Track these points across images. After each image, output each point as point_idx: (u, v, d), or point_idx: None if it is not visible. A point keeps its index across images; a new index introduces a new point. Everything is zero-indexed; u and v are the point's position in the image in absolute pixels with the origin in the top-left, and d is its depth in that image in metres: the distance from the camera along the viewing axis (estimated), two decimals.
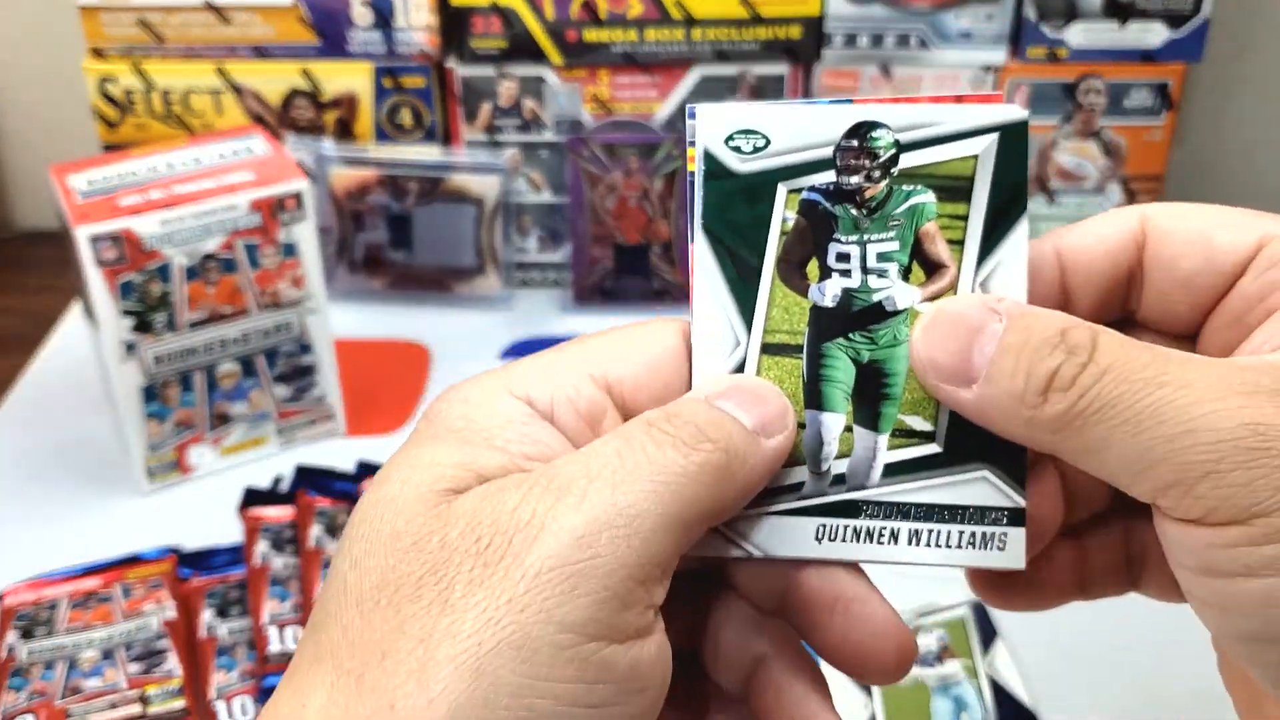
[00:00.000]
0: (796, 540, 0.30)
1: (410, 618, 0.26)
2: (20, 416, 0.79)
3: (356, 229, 0.88)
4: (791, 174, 0.30)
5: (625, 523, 0.26)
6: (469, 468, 0.28)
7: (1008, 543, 0.30)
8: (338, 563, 0.28)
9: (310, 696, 0.26)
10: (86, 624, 0.61)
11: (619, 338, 0.31)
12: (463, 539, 0.26)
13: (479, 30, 0.85)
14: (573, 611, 0.25)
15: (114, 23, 0.85)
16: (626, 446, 0.27)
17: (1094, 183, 0.90)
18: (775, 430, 0.29)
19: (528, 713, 0.25)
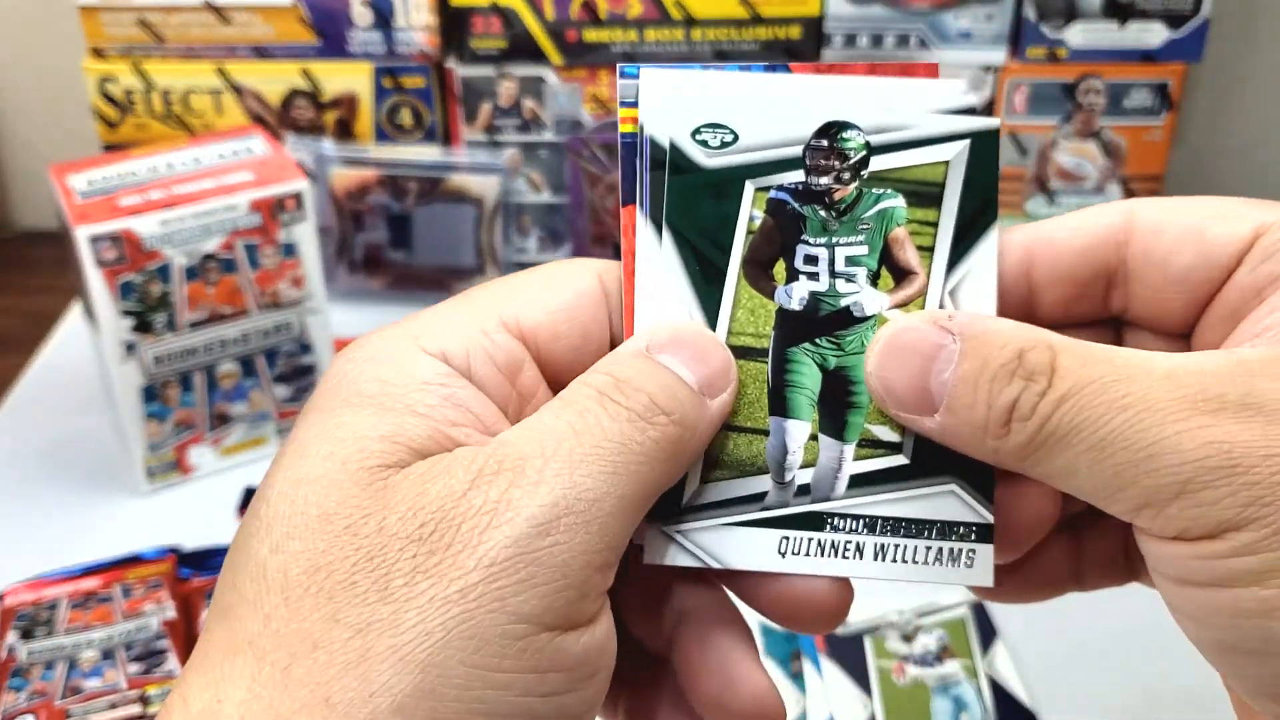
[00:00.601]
0: (758, 553, 0.29)
1: (344, 606, 0.24)
2: (20, 416, 0.79)
3: (356, 229, 0.88)
4: (760, 172, 0.30)
5: (585, 508, 0.25)
6: (396, 440, 0.26)
7: (975, 559, 0.30)
8: (251, 545, 0.26)
9: (227, 690, 0.24)
10: (86, 624, 0.61)
11: (530, 281, 0.30)
12: (403, 524, 0.25)
13: (479, 30, 0.85)
14: (529, 601, 0.24)
15: (114, 23, 0.85)
16: (581, 421, 0.26)
17: (1094, 183, 0.90)
18: (720, 388, 0.28)
19: (478, 704, 0.24)
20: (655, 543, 0.29)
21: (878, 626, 0.61)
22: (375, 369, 0.27)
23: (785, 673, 0.60)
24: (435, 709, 0.24)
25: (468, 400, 0.28)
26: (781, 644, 0.61)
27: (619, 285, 0.30)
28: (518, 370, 0.29)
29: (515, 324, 0.29)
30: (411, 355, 0.28)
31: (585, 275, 0.30)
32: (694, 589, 0.30)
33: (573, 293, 0.30)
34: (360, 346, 0.28)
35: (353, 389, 0.27)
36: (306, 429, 0.27)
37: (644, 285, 0.29)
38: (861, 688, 0.57)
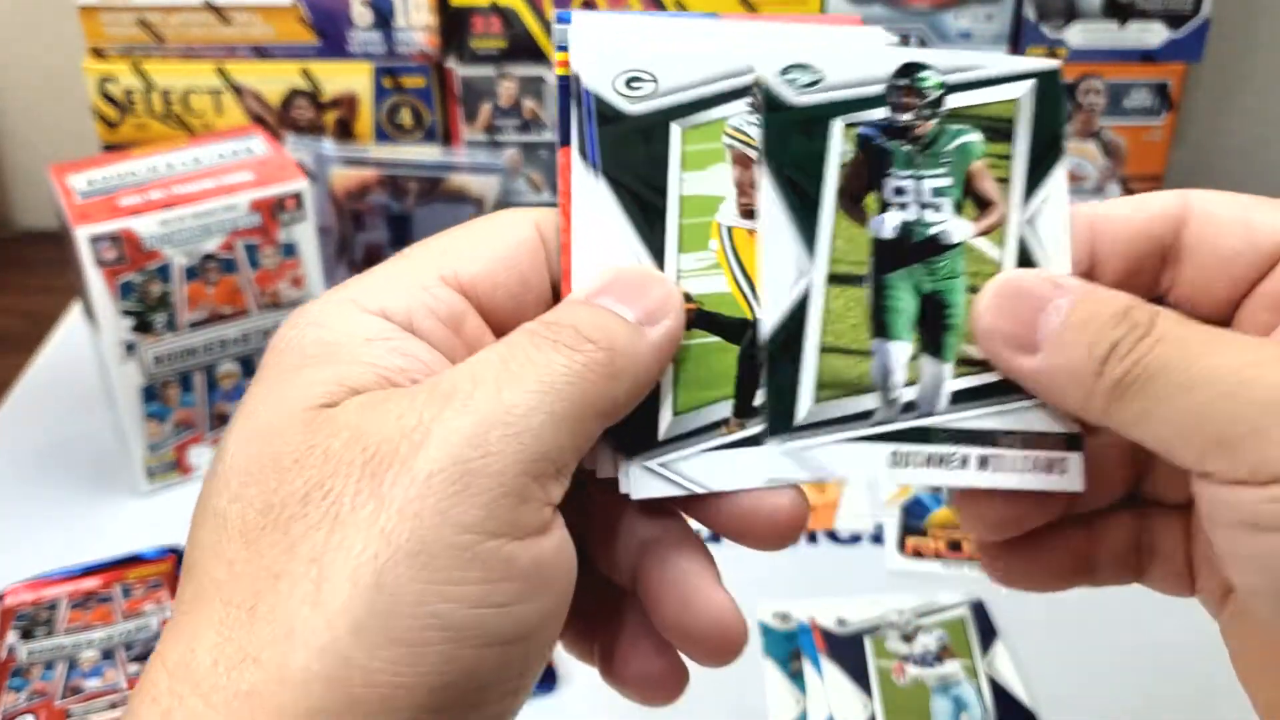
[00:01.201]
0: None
1: (300, 537, 0.25)
2: (20, 416, 0.79)
3: (356, 229, 0.88)
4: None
5: (514, 420, 0.26)
6: (340, 382, 0.27)
7: (1068, 466, 0.31)
8: (212, 503, 0.26)
9: (198, 638, 0.24)
10: (86, 624, 0.61)
11: (466, 235, 0.30)
12: (347, 449, 0.25)
13: (479, 30, 0.85)
14: (468, 510, 0.25)
15: (114, 23, 0.85)
16: (509, 353, 0.27)
17: (1094, 183, 0.90)
18: (660, 316, 0.29)
19: (432, 619, 0.24)
20: (638, 478, 0.30)
21: (877, 627, 0.61)
22: (318, 332, 0.28)
23: (785, 672, 0.60)
24: (391, 627, 0.24)
25: (414, 350, 0.28)
26: (781, 644, 0.61)
27: (556, 232, 0.31)
28: (460, 322, 0.29)
29: (454, 277, 0.30)
30: (353, 315, 0.28)
31: (521, 224, 0.31)
32: (654, 520, 0.31)
33: (509, 242, 0.30)
34: (301, 314, 0.29)
35: (297, 353, 0.28)
36: (254, 393, 0.28)
37: (581, 227, 0.30)
38: (861, 688, 0.57)
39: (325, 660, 0.24)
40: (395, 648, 0.24)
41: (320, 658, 0.24)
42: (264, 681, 0.23)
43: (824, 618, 0.62)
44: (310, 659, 0.24)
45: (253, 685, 0.23)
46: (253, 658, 0.24)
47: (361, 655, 0.24)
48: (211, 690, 0.24)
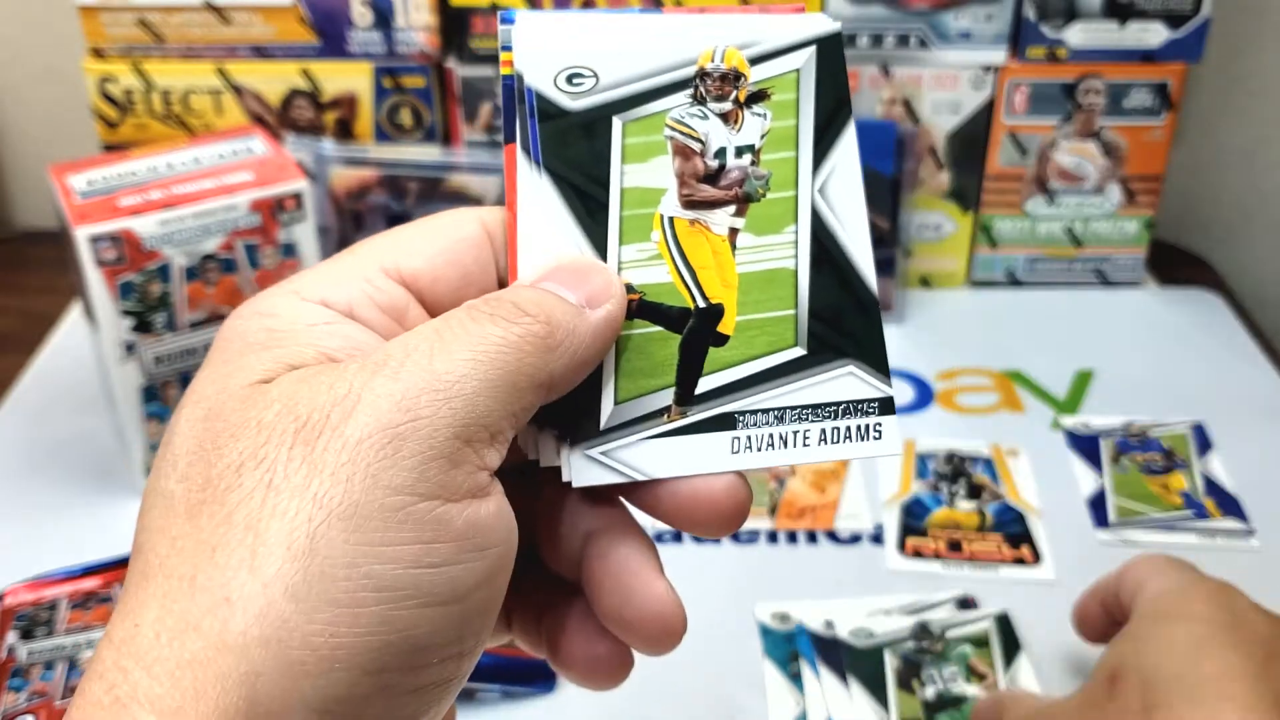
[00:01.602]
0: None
1: (236, 506, 0.25)
2: (20, 416, 0.79)
3: (356, 229, 0.88)
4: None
5: (445, 386, 0.26)
6: (280, 361, 0.28)
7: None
8: (160, 484, 0.27)
9: (142, 614, 0.25)
10: (86, 624, 0.61)
11: (411, 231, 0.31)
12: (279, 419, 0.26)
13: (479, 30, 0.85)
14: (399, 474, 0.25)
15: (114, 23, 0.85)
16: (445, 326, 0.27)
17: (1094, 183, 0.90)
18: (601, 301, 0.29)
19: (366, 579, 0.25)
20: (579, 466, 0.30)
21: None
22: (261, 320, 0.29)
23: (784, 673, 0.60)
24: (326, 590, 0.24)
25: (354, 334, 0.29)
26: (780, 645, 0.61)
27: (502, 228, 0.31)
28: (402, 313, 0.30)
29: (395, 270, 0.30)
30: (295, 304, 0.29)
31: (466, 220, 0.31)
32: (597, 510, 0.31)
33: (453, 237, 0.31)
34: (247, 305, 0.30)
35: (242, 341, 0.28)
36: (201, 378, 0.28)
37: (526, 222, 0.31)
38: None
39: (263, 624, 0.24)
40: (331, 609, 0.24)
41: (258, 622, 0.24)
42: (204, 649, 0.24)
43: (825, 622, 0.62)
44: (248, 623, 0.24)
45: (194, 653, 0.24)
46: (193, 626, 0.24)
47: (299, 617, 0.24)
48: (155, 661, 0.24)
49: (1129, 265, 0.93)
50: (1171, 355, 0.86)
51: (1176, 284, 0.95)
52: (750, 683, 0.59)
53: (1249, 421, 0.78)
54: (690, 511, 0.30)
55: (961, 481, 0.73)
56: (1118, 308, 0.92)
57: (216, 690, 0.24)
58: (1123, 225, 0.92)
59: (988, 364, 0.84)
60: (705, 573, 0.66)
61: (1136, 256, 0.93)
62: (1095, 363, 0.85)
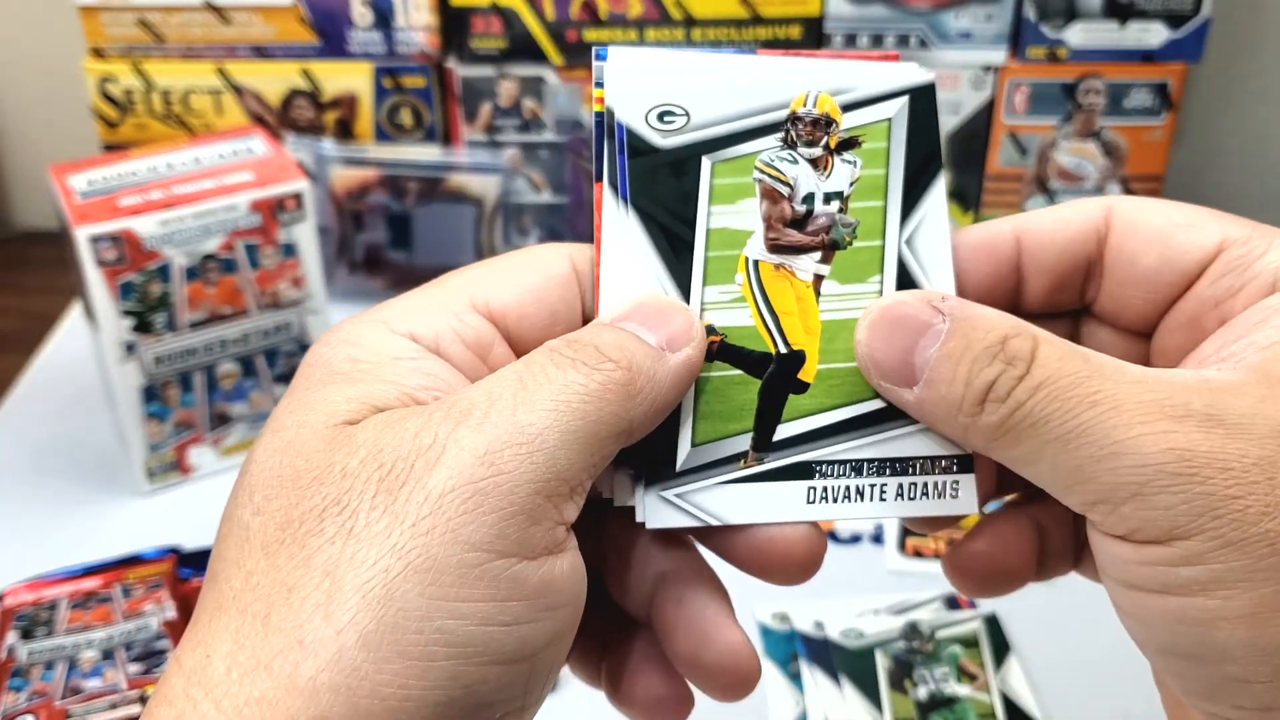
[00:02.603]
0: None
1: (316, 551, 0.25)
2: (20, 416, 0.79)
3: (356, 229, 0.88)
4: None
5: (527, 440, 0.26)
6: (363, 401, 0.27)
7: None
8: (237, 514, 0.27)
9: (214, 645, 0.25)
10: (86, 624, 0.61)
11: (501, 265, 0.31)
12: (364, 466, 0.26)
13: (479, 30, 0.85)
14: (479, 530, 0.25)
15: (114, 23, 0.85)
16: (528, 371, 0.27)
17: (1094, 183, 0.90)
18: (681, 344, 0.29)
19: (438, 634, 0.25)
20: (654, 508, 0.30)
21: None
22: (348, 350, 0.29)
23: (784, 673, 0.60)
24: (399, 641, 0.24)
25: (438, 371, 0.29)
26: (780, 645, 0.61)
27: (591, 267, 0.31)
28: (488, 349, 0.30)
29: (484, 306, 0.30)
30: (382, 336, 0.29)
31: (555, 258, 0.31)
32: (670, 552, 0.31)
33: (541, 275, 0.31)
34: (334, 332, 0.30)
35: (327, 370, 0.28)
36: (284, 406, 0.28)
37: (610, 259, 0.31)
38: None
39: (334, 670, 0.24)
40: (402, 660, 0.24)
41: (329, 667, 0.24)
42: (274, 689, 0.24)
43: (815, 623, 0.62)
44: (319, 668, 0.24)
45: (263, 692, 0.24)
46: (265, 665, 0.24)
47: (369, 666, 0.24)
48: (224, 696, 0.24)
49: None
50: None
51: None
52: None
53: None
54: (765, 559, 0.30)
55: None
56: None
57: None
58: None
59: None
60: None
61: None
62: None
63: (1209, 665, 0.26)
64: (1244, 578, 0.25)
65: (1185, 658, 0.27)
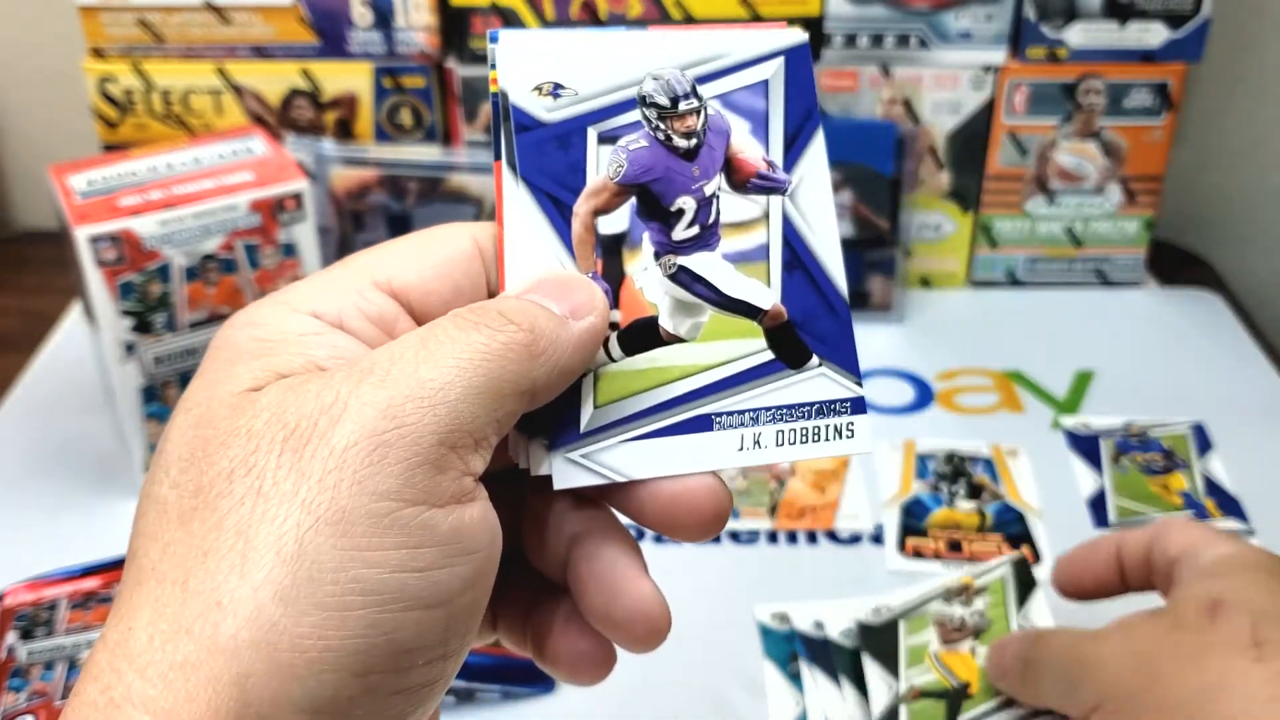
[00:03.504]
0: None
1: (227, 513, 0.26)
2: (20, 416, 0.79)
3: (356, 229, 0.88)
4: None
5: (429, 394, 0.27)
6: (268, 369, 0.28)
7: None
8: (153, 490, 0.27)
9: (136, 617, 0.26)
10: (86, 624, 0.61)
11: (404, 245, 0.32)
12: (268, 427, 0.26)
13: (479, 30, 0.85)
14: (385, 480, 0.26)
15: (114, 23, 0.85)
16: (430, 334, 0.28)
17: (1094, 183, 0.90)
18: (585, 313, 0.30)
19: (353, 584, 0.25)
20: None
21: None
22: (252, 330, 0.29)
23: (784, 673, 0.60)
24: (314, 593, 0.25)
25: (343, 344, 0.29)
26: (780, 645, 0.61)
27: (494, 243, 0.32)
28: (392, 324, 0.30)
29: (386, 283, 0.31)
30: (286, 315, 0.30)
31: (457, 235, 0.32)
32: (582, 514, 0.32)
33: (444, 252, 0.31)
34: (239, 315, 0.30)
35: (233, 350, 0.29)
36: (193, 386, 0.29)
37: (512, 236, 0.31)
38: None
39: (253, 627, 0.25)
40: (319, 612, 0.25)
41: (248, 625, 0.25)
42: (196, 651, 0.25)
43: (815, 623, 0.62)
44: (239, 627, 0.25)
45: (186, 656, 0.25)
46: (185, 630, 0.25)
47: (287, 620, 0.25)
48: (148, 664, 0.25)
49: (1129, 265, 0.93)
50: (1171, 355, 0.86)
51: (1176, 284, 0.95)
52: (750, 683, 0.59)
53: (1249, 422, 0.78)
54: (672, 515, 0.31)
55: (961, 482, 0.73)
56: (1118, 308, 0.92)
57: (208, 692, 0.24)
58: (1123, 225, 0.92)
59: (988, 364, 0.84)
60: (705, 573, 0.66)
61: (1136, 256, 0.93)
62: (1095, 363, 0.85)
63: None
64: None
65: None
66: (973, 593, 0.59)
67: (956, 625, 0.58)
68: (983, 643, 0.57)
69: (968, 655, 0.56)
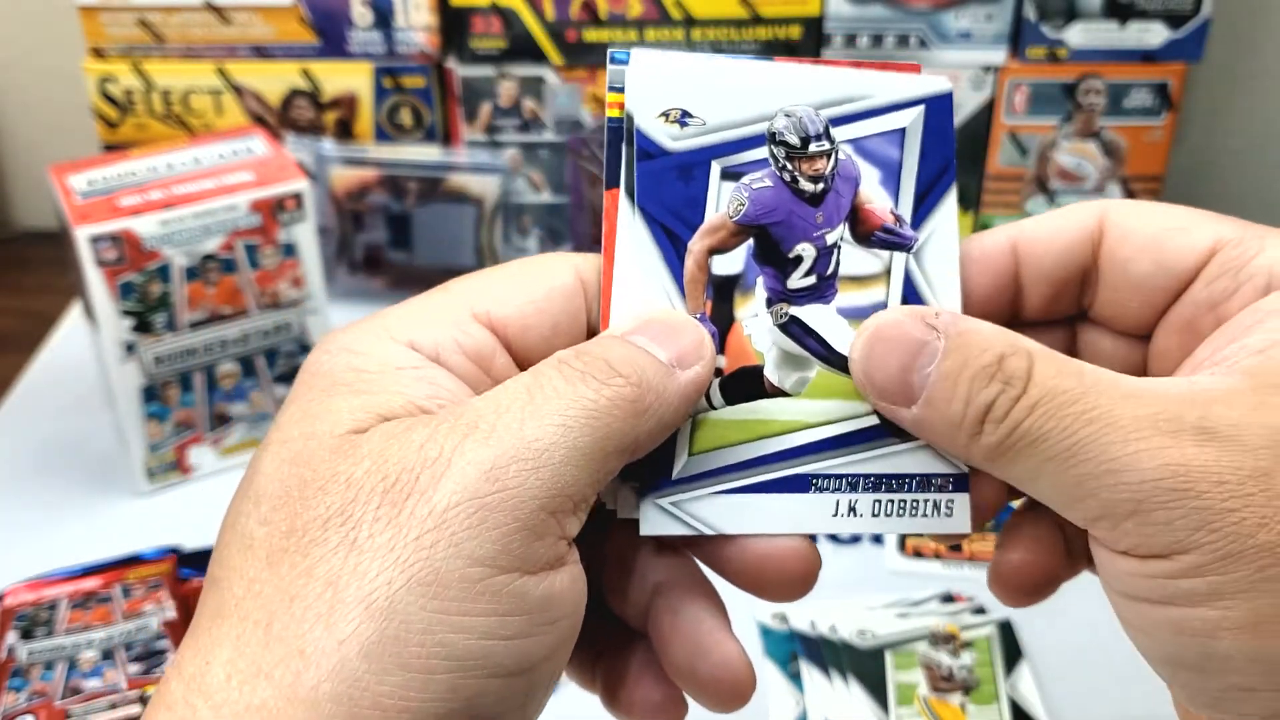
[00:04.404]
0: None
1: (318, 561, 0.25)
2: (20, 416, 0.79)
3: (356, 229, 0.88)
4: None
5: (533, 455, 0.26)
6: (369, 410, 0.27)
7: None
8: (241, 522, 0.27)
9: (215, 652, 0.25)
10: (86, 624, 0.61)
11: (504, 275, 0.31)
12: (368, 477, 0.26)
13: (479, 30, 0.85)
14: (482, 545, 0.25)
15: (114, 23, 0.85)
16: (536, 384, 0.27)
17: (1094, 183, 0.90)
18: (691, 361, 0.29)
19: (440, 647, 0.25)
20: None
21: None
22: (349, 359, 0.29)
23: (784, 673, 0.60)
24: (400, 653, 0.24)
25: (442, 380, 0.29)
26: (780, 645, 0.61)
27: (598, 277, 0.31)
28: (489, 359, 0.30)
29: (486, 316, 0.30)
30: (384, 344, 0.29)
31: (560, 268, 0.31)
32: (667, 562, 0.31)
33: (545, 285, 0.30)
34: (334, 339, 0.29)
35: (329, 379, 0.28)
36: (288, 416, 0.28)
37: (622, 268, 0.30)
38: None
39: (335, 680, 0.24)
40: (403, 673, 0.24)
41: (330, 678, 0.24)
42: (274, 698, 0.24)
43: (810, 622, 0.62)
44: (321, 678, 0.24)
45: (264, 700, 0.24)
46: (265, 673, 0.24)
47: (370, 678, 0.24)
48: (223, 703, 0.24)
49: None
50: None
51: None
52: None
53: None
54: (759, 575, 0.30)
55: None
56: None
57: None
58: None
59: None
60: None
61: None
62: None
63: (1212, 675, 0.27)
64: (1243, 589, 0.25)
65: (1189, 668, 0.27)
66: (959, 645, 0.59)
67: (945, 674, 0.58)
68: (973, 701, 0.57)
69: (957, 709, 0.55)
